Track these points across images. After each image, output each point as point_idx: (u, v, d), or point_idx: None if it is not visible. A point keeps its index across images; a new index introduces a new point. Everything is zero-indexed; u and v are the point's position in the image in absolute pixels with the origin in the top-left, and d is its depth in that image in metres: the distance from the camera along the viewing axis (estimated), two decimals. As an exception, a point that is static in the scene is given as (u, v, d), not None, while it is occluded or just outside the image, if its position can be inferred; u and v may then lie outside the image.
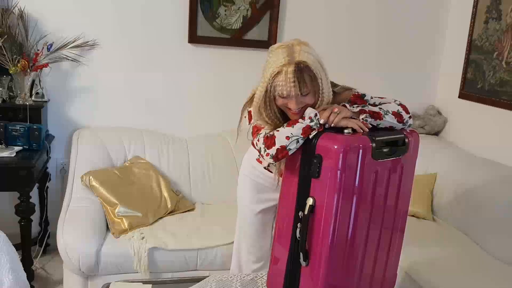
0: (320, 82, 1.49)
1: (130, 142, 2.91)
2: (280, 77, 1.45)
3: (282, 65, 1.45)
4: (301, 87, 1.46)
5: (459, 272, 2.24)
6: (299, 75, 1.45)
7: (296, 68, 1.44)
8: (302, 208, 1.48)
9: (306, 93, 1.49)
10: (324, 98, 1.52)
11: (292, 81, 1.44)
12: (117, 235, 2.39)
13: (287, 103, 1.51)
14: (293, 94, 1.47)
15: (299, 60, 1.45)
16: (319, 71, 1.49)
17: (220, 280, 1.80)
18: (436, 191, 2.97)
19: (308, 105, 1.52)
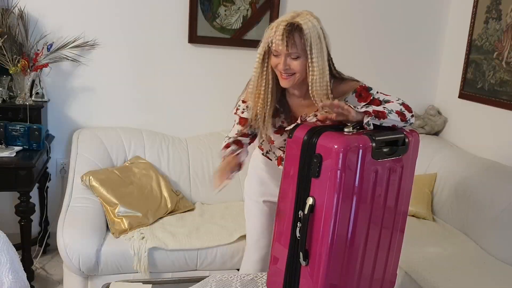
0: (309, 49, 1.53)
1: (130, 142, 2.91)
2: (272, 30, 1.55)
3: (280, 20, 1.55)
4: (289, 45, 1.51)
5: (459, 272, 2.24)
6: (289, 33, 1.51)
7: (288, 24, 1.52)
8: (302, 207, 1.48)
9: (295, 56, 1.54)
10: (314, 70, 1.54)
11: (280, 34, 1.51)
12: (117, 235, 2.40)
13: (277, 63, 1.57)
14: (280, 49, 1.53)
15: (296, 21, 1.52)
16: (313, 39, 1.52)
17: (220, 280, 1.80)
18: (436, 191, 2.97)
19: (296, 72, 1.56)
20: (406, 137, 1.58)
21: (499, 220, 2.49)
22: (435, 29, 3.39)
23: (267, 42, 1.57)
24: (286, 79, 1.60)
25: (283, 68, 1.57)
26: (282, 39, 1.51)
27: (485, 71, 3.03)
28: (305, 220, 1.45)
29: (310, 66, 1.55)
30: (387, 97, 1.68)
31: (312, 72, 1.55)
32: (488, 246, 2.50)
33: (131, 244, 2.33)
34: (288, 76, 1.59)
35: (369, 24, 3.28)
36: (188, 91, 3.10)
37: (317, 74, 1.55)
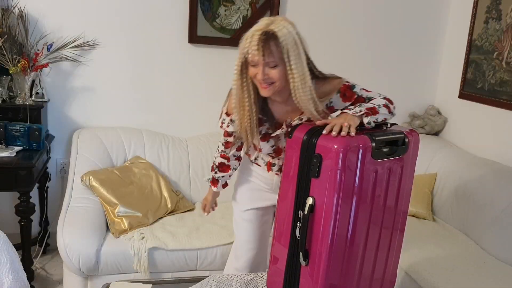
0: (287, 57, 1.49)
1: (130, 142, 2.91)
2: (248, 40, 1.50)
3: (255, 29, 1.50)
4: (265, 54, 1.48)
5: (459, 272, 2.24)
6: (265, 42, 1.47)
7: (263, 33, 1.47)
8: (301, 207, 1.48)
9: (273, 65, 1.51)
10: (294, 77, 1.51)
11: (255, 44, 1.47)
12: (117, 235, 2.40)
13: (255, 73, 1.54)
14: (256, 60, 1.50)
15: (271, 28, 1.48)
16: (289, 46, 1.48)
17: (220, 280, 1.80)
18: (436, 191, 2.97)
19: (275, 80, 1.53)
20: (406, 137, 1.58)
21: (499, 220, 2.49)
22: (435, 29, 3.39)
23: (243, 53, 1.53)
24: (266, 88, 1.56)
25: (262, 78, 1.53)
26: (258, 49, 1.47)
27: (485, 71, 3.03)
28: (305, 220, 1.45)
29: (290, 73, 1.51)
30: (370, 94, 1.68)
31: (293, 79, 1.52)
32: (488, 246, 2.50)
33: (131, 244, 2.33)
34: (268, 85, 1.55)
35: (369, 24, 3.28)
36: (188, 91, 3.10)
37: (298, 80, 1.51)
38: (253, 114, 1.64)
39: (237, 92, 1.62)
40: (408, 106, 3.49)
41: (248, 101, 1.61)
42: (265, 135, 1.75)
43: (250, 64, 1.54)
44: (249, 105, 1.62)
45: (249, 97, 1.61)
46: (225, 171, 1.95)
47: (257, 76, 1.54)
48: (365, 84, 3.62)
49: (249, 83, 1.60)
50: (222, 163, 1.94)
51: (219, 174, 1.97)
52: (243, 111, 1.64)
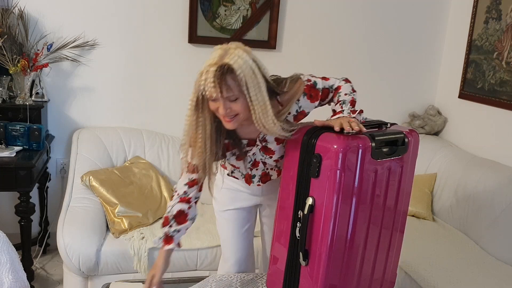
0: (246, 89, 1.41)
1: (130, 142, 2.91)
2: (203, 76, 1.42)
3: (208, 64, 1.42)
4: (222, 89, 1.39)
5: (459, 272, 2.24)
6: (220, 77, 1.39)
7: (218, 68, 1.39)
8: (301, 207, 1.48)
9: (233, 98, 1.43)
10: (255, 109, 1.44)
11: (211, 81, 1.39)
12: (117, 235, 2.40)
13: (217, 107, 1.45)
14: (214, 96, 1.41)
15: (225, 62, 1.40)
16: (247, 78, 1.40)
17: (220, 280, 1.80)
18: (436, 191, 2.97)
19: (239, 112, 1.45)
20: (406, 137, 1.58)
21: (499, 220, 2.49)
22: (435, 29, 3.39)
23: (199, 90, 1.44)
24: (230, 122, 1.48)
25: (225, 113, 1.45)
26: (215, 86, 1.39)
27: (485, 71, 3.03)
28: (304, 220, 1.45)
29: (250, 105, 1.43)
30: (330, 82, 1.65)
31: (254, 111, 1.44)
32: (488, 246, 2.50)
33: (131, 244, 2.33)
34: (232, 118, 1.47)
35: (369, 25, 3.28)
36: (188, 91, 3.07)
37: (259, 111, 1.44)
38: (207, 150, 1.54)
39: (189, 129, 1.53)
40: (408, 106, 3.48)
41: (202, 137, 1.52)
42: (240, 156, 1.68)
43: (209, 99, 1.45)
44: (202, 141, 1.52)
45: (203, 133, 1.52)
46: (182, 223, 1.67)
47: (219, 111, 1.46)
48: (364, 84, 3.63)
49: (205, 117, 1.50)
50: (181, 211, 1.67)
51: (175, 227, 1.67)
52: (194, 147, 1.54)
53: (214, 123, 1.52)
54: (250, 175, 1.77)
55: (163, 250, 1.70)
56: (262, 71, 1.47)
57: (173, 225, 1.66)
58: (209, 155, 1.55)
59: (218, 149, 1.58)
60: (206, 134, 1.52)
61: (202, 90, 1.43)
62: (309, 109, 1.62)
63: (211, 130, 1.52)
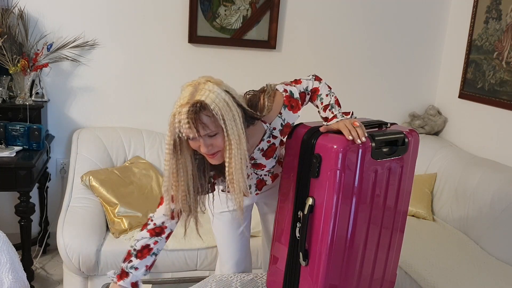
0: (223, 123, 1.35)
1: (130, 142, 2.91)
2: (176, 118, 1.35)
3: (180, 105, 1.36)
4: (199, 128, 1.34)
5: (459, 272, 2.24)
6: (194, 116, 1.32)
7: (191, 108, 1.32)
8: (301, 207, 1.48)
9: (212, 134, 1.37)
10: (231, 141, 1.38)
11: (186, 122, 1.32)
12: (117, 235, 2.40)
13: (198, 146, 1.40)
14: (192, 136, 1.35)
15: (197, 99, 1.34)
16: (222, 111, 1.35)
17: (220, 280, 1.80)
18: (436, 191, 2.97)
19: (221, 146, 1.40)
20: (406, 137, 1.58)
21: (499, 220, 2.49)
22: (435, 29, 3.39)
23: (175, 132, 1.37)
24: (214, 157, 1.42)
25: (207, 151, 1.39)
26: (190, 127, 1.32)
27: (485, 71, 3.03)
28: (304, 220, 1.45)
29: (226, 140, 1.37)
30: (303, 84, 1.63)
31: (229, 146, 1.38)
32: (488, 246, 2.50)
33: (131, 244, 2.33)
34: (215, 154, 1.42)
35: (369, 24, 3.28)
36: (188, 91, 3.09)
37: (235, 147, 1.38)
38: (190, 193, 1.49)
39: (170, 175, 1.44)
40: (408, 106, 3.49)
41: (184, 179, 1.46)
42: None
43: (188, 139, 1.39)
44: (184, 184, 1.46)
45: (185, 175, 1.46)
46: (143, 257, 1.58)
47: (201, 149, 1.40)
48: (364, 84, 3.63)
49: (185, 158, 1.44)
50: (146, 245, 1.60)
51: (135, 262, 1.58)
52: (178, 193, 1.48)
53: (195, 161, 1.47)
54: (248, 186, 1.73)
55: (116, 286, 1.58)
56: (237, 101, 1.42)
57: (133, 260, 1.58)
58: (193, 196, 1.50)
59: (205, 183, 1.53)
60: (188, 175, 1.46)
61: (178, 133, 1.37)
62: (293, 120, 1.59)
63: (193, 170, 1.47)
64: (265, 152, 1.62)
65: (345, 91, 3.11)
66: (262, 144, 1.59)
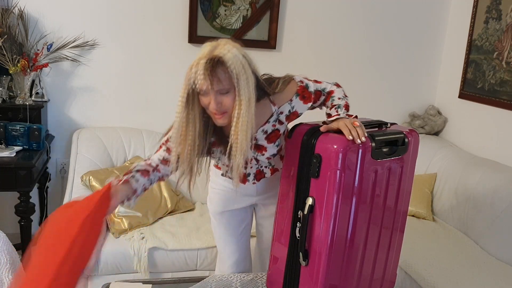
0: (236, 82, 1.40)
1: (130, 142, 2.91)
2: (193, 69, 1.41)
3: (199, 58, 1.42)
4: (213, 81, 1.39)
5: (459, 272, 2.24)
6: (211, 69, 1.38)
7: (209, 60, 1.39)
8: (301, 207, 1.48)
9: (224, 91, 1.41)
10: (241, 101, 1.41)
11: (202, 73, 1.38)
12: (117, 235, 2.40)
13: (208, 103, 1.44)
14: (204, 89, 1.41)
15: (215, 54, 1.40)
16: (238, 70, 1.40)
17: (220, 280, 1.80)
18: (436, 191, 2.97)
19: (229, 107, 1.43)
20: (406, 137, 1.58)
21: (499, 220, 2.49)
22: (435, 29, 3.39)
23: (190, 83, 1.42)
24: (221, 117, 1.46)
25: (216, 108, 1.43)
26: (205, 78, 1.38)
27: (485, 71, 3.03)
28: (304, 220, 1.45)
29: (237, 99, 1.42)
30: (322, 85, 1.67)
31: (239, 105, 1.42)
32: (488, 246, 2.50)
33: (131, 244, 2.33)
34: (222, 115, 1.45)
35: (369, 24, 3.28)
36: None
37: (244, 107, 1.42)
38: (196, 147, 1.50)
39: (180, 126, 1.47)
40: (408, 106, 3.49)
41: (192, 135, 1.48)
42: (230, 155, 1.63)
43: (200, 94, 1.44)
44: (192, 138, 1.48)
45: (193, 130, 1.48)
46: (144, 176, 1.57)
47: (210, 106, 1.44)
48: (364, 84, 3.63)
49: (195, 114, 1.47)
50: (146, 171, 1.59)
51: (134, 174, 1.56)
52: (184, 145, 1.49)
53: (203, 119, 1.50)
54: (245, 173, 1.75)
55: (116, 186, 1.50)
56: (252, 68, 1.47)
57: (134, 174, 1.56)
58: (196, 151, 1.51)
59: (204, 146, 1.55)
60: (196, 130, 1.48)
61: (193, 84, 1.41)
62: (301, 110, 1.63)
63: (199, 127, 1.49)
64: (268, 136, 1.63)
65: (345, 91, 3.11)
66: (267, 126, 1.61)
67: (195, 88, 1.42)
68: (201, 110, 1.48)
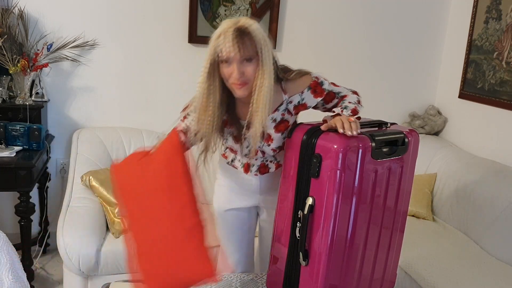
0: (260, 52, 1.48)
1: (130, 142, 2.91)
2: (221, 38, 1.47)
3: (224, 28, 1.48)
4: (241, 48, 1.45)
5: (459, 272, 2.24)
6: (239, 37, 1.45)
7: (237, 29, 1.46)
8: (301, 207, 1.48)
9: (248, 58, 1.48)
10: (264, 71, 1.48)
11: (231, 39, 1.44)
12: (117, 235, 2.40)
13: (230, 72, 1.49)
14: (232, 56, 1.46)
15: (241, 24, 1.47)
16: (262, 42, 1.48)
17: (220, 280, 1.80)
18: (436, 191, 2.97)
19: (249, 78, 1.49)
20: (406, 137, 1.58)
21: (499, 220, 2.49)
22: (435, 29, 3.39)
23: (215, 52, 1.48)
24: (241, 88, 1.51)
25: (238, 77, 1.48)
26: (233, 44, 1.44)
27: (485, 71, 3.03)
28: (304, 220, 1.45)
29: (260, 69, 1.48)
30: (339, 89, 1.70)
31: (262, 76, 1.48)
32: (488, 246, 2.50)
33: (131, 244, 2.32)
34: (242, 85, 1.51)
35: (369, 24, 3.28)
36: (188, 91, 3.08)
37: (266, 78, 1.48)
38: (215, 119, 1.56)
39: (201, 96, 1.53)
40: (408, 106, 3.48)
41: (212, 105, 1.54)
42: (237, 137, 1.69)
43: (223, 63, 1.49)
44: (212, 109, 1.54)
45: (214, 101, 1.54)
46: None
47: (232, 75, 1.49)
48: (364, 84, 3.63)
49: (216, 86, 1.53)
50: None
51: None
52: (204, 116, 1.55)
53: (222, 93, 1.55)
54: (249, 164, 1.77)
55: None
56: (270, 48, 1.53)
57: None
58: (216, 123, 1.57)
59: (219, 122, 1.60)
60: (216, 102, 1.54)
61: (219, 52, 1.46)
62: (311, 103, 1.65)
63: (219, 99, 1.55)
64: (277, 125, 1.65)
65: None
66: (276, 114, 1.64)
67: (218, 58, 1.48)
68: (221, 83, 1.53)
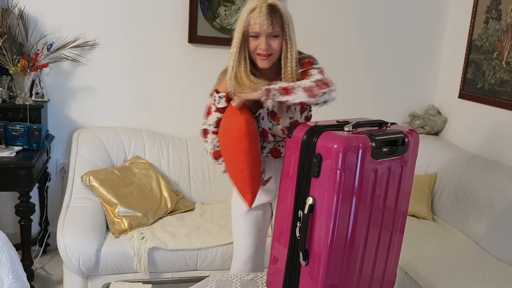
0: (287, 28, 1.68)
1: (130, 142, 2.91)
2: (255, 12, 1.66)
3: (261, 2, 1.66)
4: (273, 22, 1.65)
5: (458, 272, 2.24)
6: (272, 12, 1.65)
7: (269, 5, 1.65)
8: (301, 207, 1.48)
9: (276, 34, 1.67)
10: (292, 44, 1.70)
11: (265, 13, 1.64)
12: (117, 235, 2.40)
13: (258, 45, 1.68)
14: (264, 29, 1.65)
15: (272, 2, 1.67)
16: (289, 19, 1.69)
17: (220, 280, 1.80)
18: (436, 191, 2.97)
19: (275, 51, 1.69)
20: (406, 136, 1.57)
21: (499, 220, 2.49)
22: (435, 29, 3.39)
23: (247, 25, 1.67)
24: (265, 59, 1.70)
25: (265, 48, 1.67)
26: (267, 19, 1.63)
27: (485, 71, 3.03)
28: (305, 220, 1.45)
29: (288, 43, 1.69)
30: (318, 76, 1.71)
31: (290, 49, 1.69)
32: (488, 246, 2.50)
33: (131, 244, 2.33)
34: (267, 57, 1.70)
35: (369, 24, 3.28)
36: (188, 91, 3.10)
37: (294, 51, 1.70)
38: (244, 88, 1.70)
39: (234, 64, 1.72)
40: (408, 106, 3.49)
41: (243, 72, 1.71)
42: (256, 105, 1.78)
43: (251, 36, 1.68)
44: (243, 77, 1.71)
45: (244, 69, 1.72)
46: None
47: (259, 47, 1.68)
48: (364, 84, 3.63)
49: (245, 55, 1.72)
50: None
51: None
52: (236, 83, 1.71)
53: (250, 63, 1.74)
54: (277, 148, 1.87)
55: None
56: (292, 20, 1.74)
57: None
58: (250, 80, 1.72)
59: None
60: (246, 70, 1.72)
61: (253, 24, 1.65)
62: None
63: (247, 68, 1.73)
64: None
65: (345, 91, 3.11)
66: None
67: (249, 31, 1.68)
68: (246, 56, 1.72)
